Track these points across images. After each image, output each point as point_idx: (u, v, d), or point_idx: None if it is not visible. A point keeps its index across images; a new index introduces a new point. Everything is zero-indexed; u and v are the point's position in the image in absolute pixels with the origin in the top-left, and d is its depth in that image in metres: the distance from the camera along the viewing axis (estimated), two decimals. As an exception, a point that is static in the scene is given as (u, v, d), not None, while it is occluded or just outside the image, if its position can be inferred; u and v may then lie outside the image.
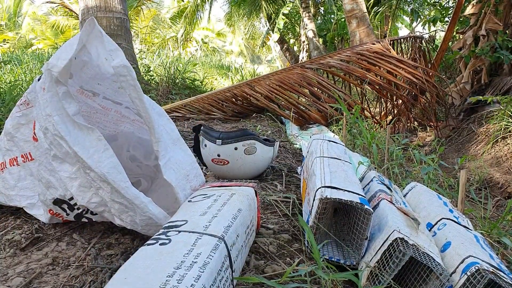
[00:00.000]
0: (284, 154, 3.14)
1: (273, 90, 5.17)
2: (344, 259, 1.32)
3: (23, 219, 1.67)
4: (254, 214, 1.40)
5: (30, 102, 1.59)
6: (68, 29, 18.23)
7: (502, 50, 5.68)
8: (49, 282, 1.22)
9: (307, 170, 1.86)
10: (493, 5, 5.80)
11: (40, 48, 17.36)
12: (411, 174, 2.82)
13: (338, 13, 14.18)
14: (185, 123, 4.61)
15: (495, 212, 3.11)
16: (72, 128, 1.33)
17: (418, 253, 1.09)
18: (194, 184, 1.53)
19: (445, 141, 5.53)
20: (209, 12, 18.85)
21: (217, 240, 1.02)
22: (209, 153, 2.25)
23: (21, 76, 5.88)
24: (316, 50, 12.86)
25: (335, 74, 5.81)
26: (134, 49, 7.49)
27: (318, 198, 1.31)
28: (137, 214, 1.31)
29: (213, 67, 13.93)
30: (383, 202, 1.44)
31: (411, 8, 13.95)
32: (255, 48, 24.60)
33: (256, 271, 1.27)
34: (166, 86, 7.22)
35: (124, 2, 6.57)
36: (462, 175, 1.75)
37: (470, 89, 6.28)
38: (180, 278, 0.83)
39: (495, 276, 1.02)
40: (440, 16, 8.28)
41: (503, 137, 4.63)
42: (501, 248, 1.65)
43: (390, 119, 5.88)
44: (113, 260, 1.35)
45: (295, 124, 4.92)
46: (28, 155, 1.62)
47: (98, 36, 1.40)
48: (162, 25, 20.93)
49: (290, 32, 17.24)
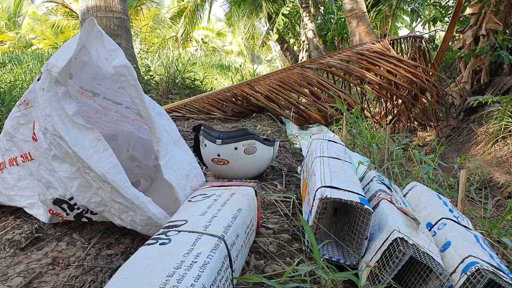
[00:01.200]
0: (284, 154, 3.14)
1: (273, 90, 5.17)
2: (344, 259, 1.32)
3: (23, 219, 1.67)
4: (254, 214, 1.40)
5: (29, 102, 1.59)
6: (68, 29, 18.23)
7: (502, 50, 5.68)
8: (49, 282, 1.22)
9: (307, 170, 1.86)
10: (493, 5, 5.80)
11: (40, 48, 17.36)
12: (411, 174, 2.82)
13: (338, 13, 14.18)
14: (185, 123, 4.61)
15: (495, 212, 3.11)
16: (72, 128, 1.33)
17: (418, 252, 1.09)
18: (194, 184, 1.52)
19: (445, 141, 5.53)
20: (209, 12, 18.88)
21: (217, 240, 1.02)
22: (209, 153, 2.25)
23: (21, 76, 5.88)
24: (316, 50, 12.86)
25: (335, 74, 5.81)
26: (134, 49, 7.49)
27: (318, 198, 1.31)
28: (137, 214, 1.31)
29: (213, 67, 13.92)
30: (383, 202, 1.44)
31: (411, 8, 13.95)
32: (255, 48, 24.59)
33: (256, 271, 1.27)
34: (166, 86, 7.23)
35: (124, 2, 6.57)
36: (462, 175, 1.75)
37: (470, 89, 6.28)
38: (180, 278, 0.83)
39: (495, 276, 1.02)
40: (440, 16, 8.28)
41: (503, 137, 4.63)
42: (501, 248, 1.65)
43: (390, 119, 5.88)
44: (113, 260, 1.35)
45: (295, 124, 4.92)
46: (28, 155, 1.62)
47: (98, 36, 1.40)
48: (162, 25, 20.92)
49: (290, 32, 17.24)
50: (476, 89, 6.19)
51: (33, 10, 21.82)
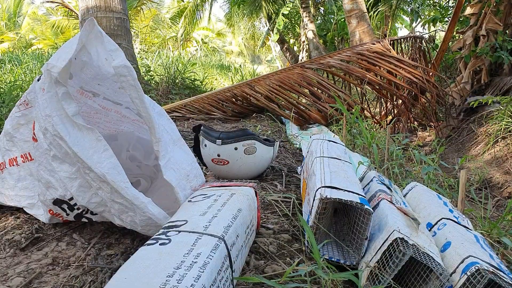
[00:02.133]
0: (284, 154, 3.14)
1: (273, 90, 5.17)
2: (344, 259, 1.32)
3: (23, 219, 1.67)
4: (254, 214, 1.40)
5: (29, 103, 1.59)
6: (68, 29, 18.22)
7: (502, 50, 5.68)
8: (49, 282, 1.22)
9: (307, 170, 1.86)
10: (493, 5, 5.80)
11: (40, 48, 17.36)
12: (411, 174, 2.82)
13: (338, 13, 14.19)
14: (185, 123, 4.61)
15: (495, 212, 3.11)
16: (72, 128, 1.33)
17: (418, 253, 1.09)
18: (194, 184, 1.52)
19: (445, 141, 5.53)
20: (209, 12, 18.87)
21: (217, 240, 1.02)
22: (209, 153, 2.25)
23: (21, 76, 5.88)
24: (316, 50, 12.87)
25: (335, 74, 5.81)
26: (134, 49, 7.49)
27: (318, 198, 1.31)
28: (137, 214, 1.31)
29: (213, 67, 13.92)
30: (383, 202, 1.44)
31: (411, 8, 13.96)
32: (255, 48, 24.59)
33: (256, 271, 1.27)
34: (166, 86, 7.22)
35: (124, 2, 6.57)
36: (462, 175, 1.75)
37: (470, 89, 6.28)
38: (180, 278, 0.83)
39: (495, 276, 1.02)
40: (440, 16, 8.29)
41: (503, 137, 4.63)
42: (501, 248, 1.65)
43: (390, 119, 5.88)
44: (113, 260, 1.35)
45: (295, 124, 4.92)
46: (28, 155, 1.62)
47: (98, 36, 1.40)
48: (162, 25, 20.92)
49: (290, 32, 17.24)
50: (476, 89, 6.19)
51: (33, 10, 21.82)
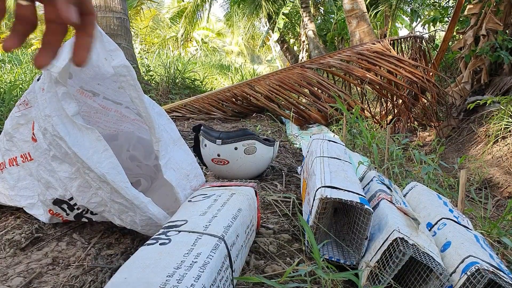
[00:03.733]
0: (284, 154, 3.14)
1: (273, 90, 5.17)
2: (344, 259, 1.32)
3: (23, 219, 1.67)
4: (254, 214, 1.40)
5: (29, 102, 1.58)
6: (68, 29, 18.20)
7: (502, 50, 5.68)
8: (49, 282, 1.22)
9: (307, 170, 1.86)
10: (493, 5, 5.80)
11: (40, 48, 17.31)
12: (411, 174, 2.82)
13: (338, 13, 14.19)
14: (185, 123, 4.61)
15: (495, 212, 3.11)
16: (71, 128, 1.33)
17: (418, 253, 1.09)
18: (194, 184, 1.52)
19: (445, 141, 5.53)
20: (209, 12, 18.87)
21: (217, 240, 1.02)
22: (209, 153, 2.25)
23: (21, 76, 5.88)
24: (316, 50, 12.86)
25: (335, 74, 5.81)
26: (134, 49, 7.49)
27: (318, 198, 1.31)
28: (137, 214, 1.31)
29: (213, 67, 13.92)
30: (383, 202, 1.44)
31: (411, 8, 13.96)
32: (255, 48, 24.59)
33: (256, 271, 1.27)
34: (166, 86, 7.23)
35: (124, 2, 6.57)
36: (462, 175, 1.75)
37: (470, 89, 6.28)
38: (180, 278, 0.83)
39: (495, 276, 1.02)
40: (440, 16, 8.29)
41: (503, 137, 4.63)
42: (501, 248, 1.65)
43: (390, 119, 5.88)
44: (113, 260, 1.35)
45: (295, 124, 4.92)
46: (28, 155, 1.62)
47: (98, 36, 1.40)
48: (162, 25, 20.93)
49: (290, 32, 17.24)
50: (476, 89, 6.19)
51: (33, 10, 21.78)
